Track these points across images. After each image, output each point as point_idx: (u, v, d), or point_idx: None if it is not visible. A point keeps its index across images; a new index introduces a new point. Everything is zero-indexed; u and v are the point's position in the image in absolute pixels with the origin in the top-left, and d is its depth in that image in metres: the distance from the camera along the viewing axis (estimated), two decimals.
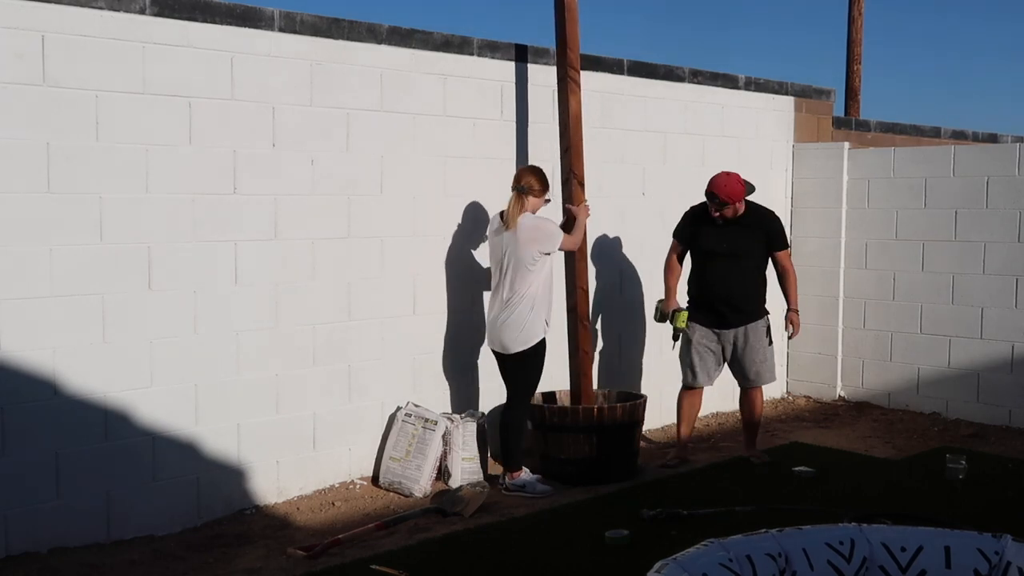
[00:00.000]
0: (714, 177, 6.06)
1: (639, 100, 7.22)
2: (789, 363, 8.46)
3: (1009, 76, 46.07)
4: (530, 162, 6.50)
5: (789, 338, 6.20)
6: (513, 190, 5.78)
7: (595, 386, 6.54)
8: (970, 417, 7.48)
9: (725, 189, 5.99)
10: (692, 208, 6.38)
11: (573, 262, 6.18)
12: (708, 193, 6.09)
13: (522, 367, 5.77)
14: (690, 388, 6.34)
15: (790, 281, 6.29)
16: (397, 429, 5.87)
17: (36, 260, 4.61)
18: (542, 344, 5.78)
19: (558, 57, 6.21)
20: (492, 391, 6.37)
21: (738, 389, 6.39)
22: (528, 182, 5.76)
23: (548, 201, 5.90)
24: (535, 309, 5.69)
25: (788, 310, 6.32)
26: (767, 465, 6.21)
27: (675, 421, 6.56)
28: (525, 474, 5.78)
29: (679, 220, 6.41)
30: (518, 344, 5.71)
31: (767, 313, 6.27)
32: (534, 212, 5.76)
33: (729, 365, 6.33)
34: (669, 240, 6.39)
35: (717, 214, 6.07)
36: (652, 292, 7.30)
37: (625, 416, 6.00)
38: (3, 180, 4.50)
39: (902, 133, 9.66)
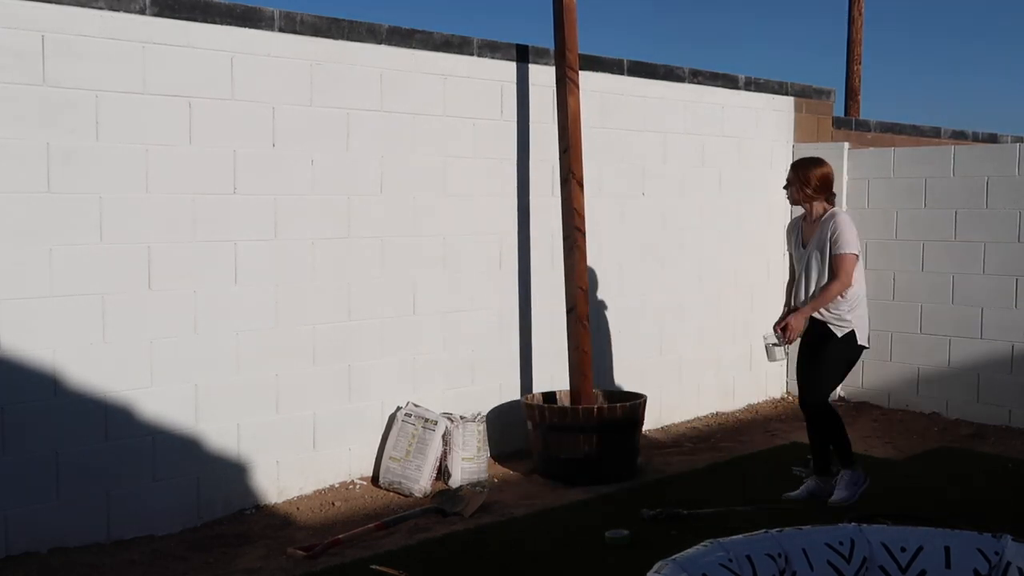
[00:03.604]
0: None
1: (639, 100, 7.22)
2: (789, 363, 8.44)
3: (1009, 76, 46.09)
4: (531, 162, 6.52)
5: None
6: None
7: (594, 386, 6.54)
8: (970, 417, 7.48)
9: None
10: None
11: (573, 262, 6.18)
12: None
13: (838, 350, 5.32)
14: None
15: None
16: (397, 429, 5.87)
17: (36, 260, 4.61)
18: (854, 341, 5.30)
19: (557, 57, 6.22)
20: (492, 391, 6.39)
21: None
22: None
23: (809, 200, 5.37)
24: (854, 310, 5.27)
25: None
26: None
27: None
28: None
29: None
30: (839, 328, 5.28)
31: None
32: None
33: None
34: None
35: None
36: (652, 291, 7.32)
37: (625, 416, 6.00)
38: (3, 180, 4.51)
39: (902, 133, 9.66)
